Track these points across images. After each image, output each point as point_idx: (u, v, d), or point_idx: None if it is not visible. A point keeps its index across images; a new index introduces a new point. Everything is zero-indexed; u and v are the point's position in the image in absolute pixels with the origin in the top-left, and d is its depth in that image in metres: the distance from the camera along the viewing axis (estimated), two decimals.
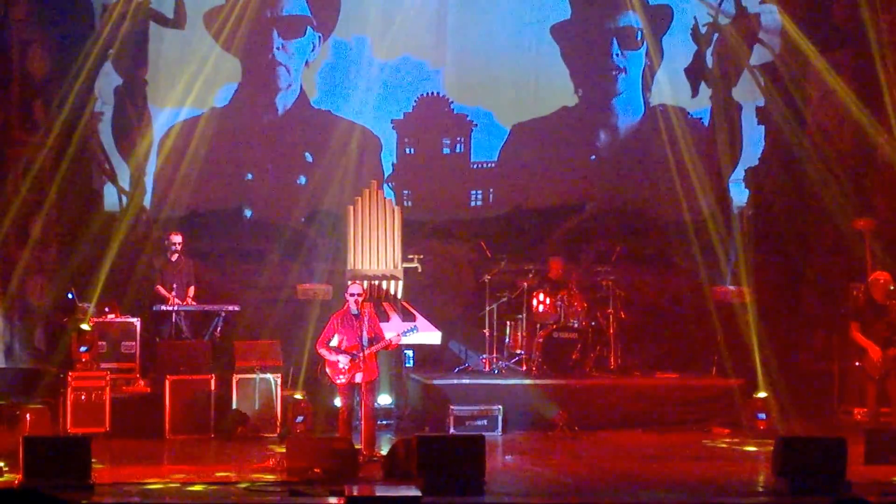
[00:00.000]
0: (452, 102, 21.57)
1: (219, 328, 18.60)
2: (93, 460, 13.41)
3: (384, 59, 21.29)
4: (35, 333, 19.45)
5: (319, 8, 21.43)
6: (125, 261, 19.40)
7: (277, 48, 21.32)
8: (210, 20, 20.86)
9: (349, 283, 16.39)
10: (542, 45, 21.65)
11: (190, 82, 20.46)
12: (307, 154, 21.42)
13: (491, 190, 21.78)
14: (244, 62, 21.21)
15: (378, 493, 13.07)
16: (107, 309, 18.51)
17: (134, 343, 18.30)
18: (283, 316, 19.55)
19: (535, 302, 19.35)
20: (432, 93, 21.58)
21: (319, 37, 21.40)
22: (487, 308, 19.43)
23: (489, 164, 21.78)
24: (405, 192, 19.72)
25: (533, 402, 18.08)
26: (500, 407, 17.76)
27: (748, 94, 21.46)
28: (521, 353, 19.40)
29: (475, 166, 21.77)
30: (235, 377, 17.59)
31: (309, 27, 21.37)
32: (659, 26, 21.53)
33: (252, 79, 21.36)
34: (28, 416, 16.17)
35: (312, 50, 21.41)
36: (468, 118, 21.61)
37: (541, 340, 18.97)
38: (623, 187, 21.82)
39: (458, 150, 21.70)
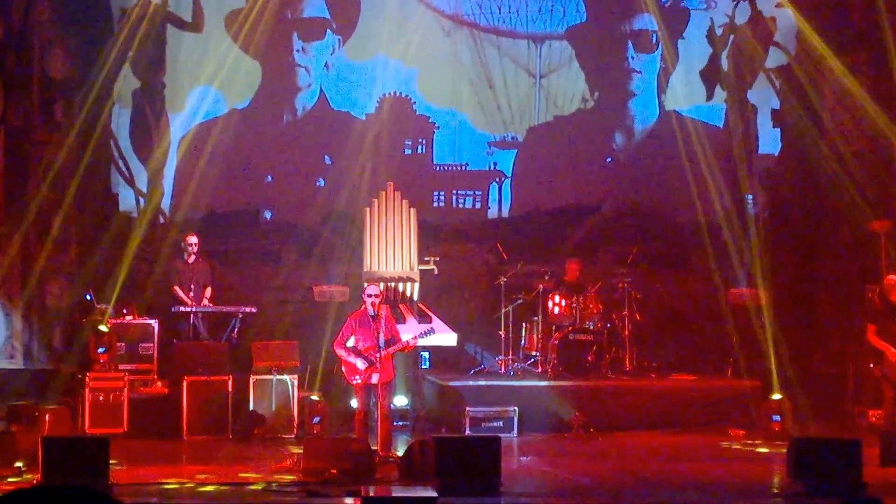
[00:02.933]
0: (415, 103, 21.55)
1: (236, 329, 18.64)
2: (111, 461, 13.48)
3: (362, 60, 21.39)
4: (53, 334, 19.53)
5: (339, 10, 21.48)
6: (143, 262, 19.49)
7: (297, 50, 21.38)
8: (230, 22, 20.94)
9: (366, 284, 16.45)
10: (557, 47, 21.72)
11: (208, 85, 20.55)
12: (326, 157, 21.48)
13: (454, 192, 21.75)
14: (264, 64, 21.28)
15: (394, 494, 13.08)
16: (125, 310, 18.59)
17: (151, 344, 18.38)
18: (299, 317, 19.64)
19: (550, 304, 19.40)
20: (395, 93, 21.58)
21: (339, 39, 21.46)
22: (503, 310, 19.47)
23: (454, 167, 21.75)
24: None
25: (549, 404, 18.11)
26: (516, 408, 17.78)
27: (764, 96, 21.50)
28: (536, 355, 19.44)
29: (438, 168, 21.76)
30: (252, 378, 17.67)
31: (328, 30, 21.42)
32: (674, 29, 21.58)
33: (272, 81, 21.41)
34: (47, 416, 16.18)
35: (332, 52, 21.47)
36: (430, 119, 21.59)
37: (556, 342, 19.02)
38: (639, 189, 21.85)
39: (419, 151, 21.69)
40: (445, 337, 18.65)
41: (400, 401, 18.30)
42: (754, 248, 20.21)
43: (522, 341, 19.73)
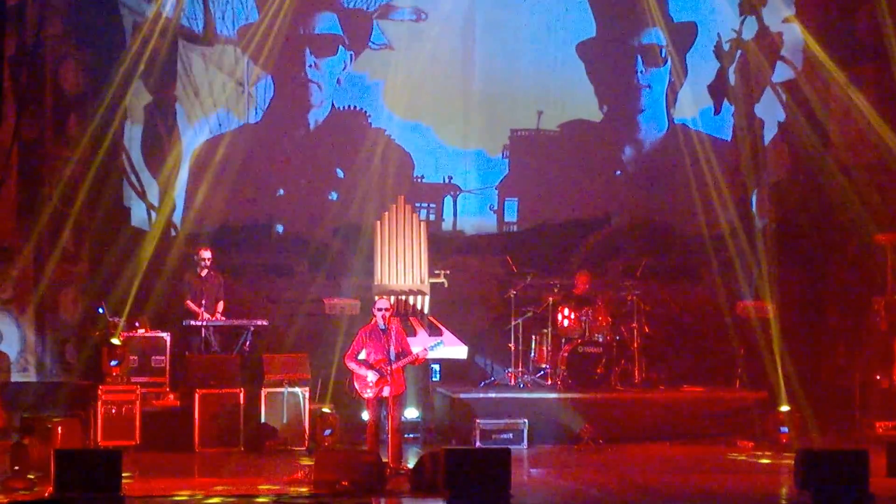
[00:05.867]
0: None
1: (248, 342, 18.71)
2: (123, 473, 13.53)
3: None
4: (66, 347, 19.63)
5: (351, 26, 21.57)
6: (155, 276, 19.55)
7: (310, 66, 21.45)
8: (243, 37, 21.04)
9: (377, 298, 16.52)
10: (568, 61, 21.82)
11: (220, 99, 20.64)
12: (338, 170, 21.56)
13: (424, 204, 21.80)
14: (276, 79, 21.35)
15: None
16: (137, 323, 18.63)
17: (164, 357, 18.43)
18: (310, 330, 19.71)
19: (560, 316, 19.46)
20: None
21: (351, 55, 21.55)
22: (513, 322, 19.54)
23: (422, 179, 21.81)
24: None
25: (558, 416, 18.19)
26: (526, 420, 17.86)
27: (771, 110, 21.58)
28: (546, 367, 19.49)
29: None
30: (264, 391, 17.74)
31: (341, 46, 21.52)
32: (683, 44, 21.66)
33: (284, 95, 21.47)
34: (59, 429, 16.19)
35: (344, 68, 21.56)
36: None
37: (566, 354, 19.08)
38: (648, 202, 21.91)
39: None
40: (456, 349, 18.73)
41: (411, 413, 18.37)
42: (762, 260, 20.27)
43: (532, 354, 19.77)
